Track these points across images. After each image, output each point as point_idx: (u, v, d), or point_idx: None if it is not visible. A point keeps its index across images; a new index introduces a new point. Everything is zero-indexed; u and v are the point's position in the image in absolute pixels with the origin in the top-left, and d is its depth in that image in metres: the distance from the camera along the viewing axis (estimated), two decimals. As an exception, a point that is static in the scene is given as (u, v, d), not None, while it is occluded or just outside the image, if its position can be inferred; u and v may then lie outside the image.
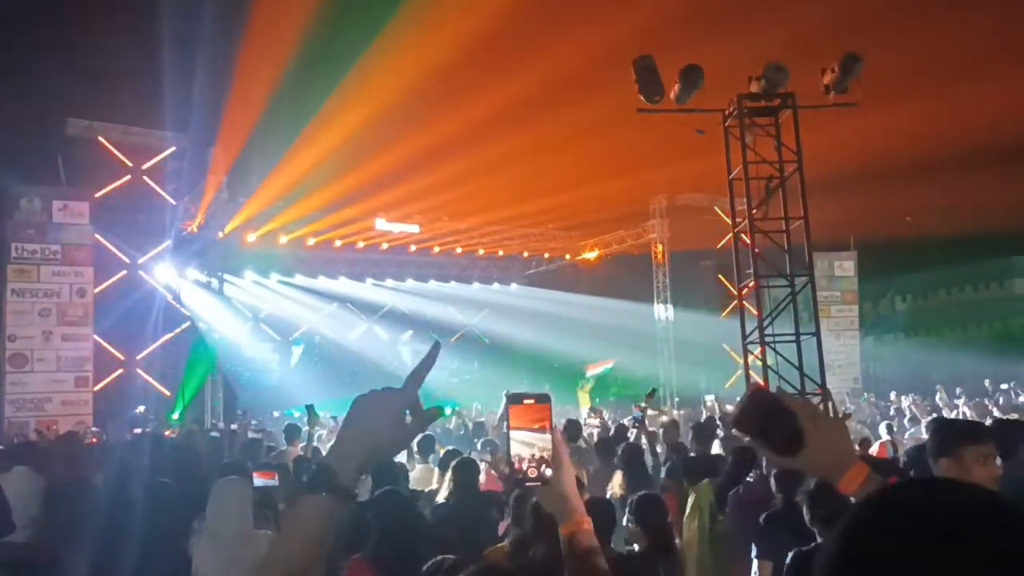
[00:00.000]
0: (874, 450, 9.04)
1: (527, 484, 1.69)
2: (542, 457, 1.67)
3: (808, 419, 1.49)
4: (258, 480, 6.14)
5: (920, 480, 0.98)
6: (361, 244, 24.81)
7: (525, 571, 3.73)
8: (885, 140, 24.88)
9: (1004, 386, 17.31)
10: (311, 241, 23.62)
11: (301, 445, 9.31)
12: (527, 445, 1.68)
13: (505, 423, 1.73)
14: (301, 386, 22.95)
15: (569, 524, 1.73)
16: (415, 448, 7.95)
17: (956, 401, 15.24)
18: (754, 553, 5.04)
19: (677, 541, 5.43)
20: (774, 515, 5.16)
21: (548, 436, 1.68)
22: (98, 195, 18.17)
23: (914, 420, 12.94)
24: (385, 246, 25.34)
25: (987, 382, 18.02)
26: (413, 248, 26.04)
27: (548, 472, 1.66)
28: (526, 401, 1.70)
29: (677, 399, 24.08)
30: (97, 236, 17.95)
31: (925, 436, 8.24)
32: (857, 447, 9.09)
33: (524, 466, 1.67)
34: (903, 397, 18.20)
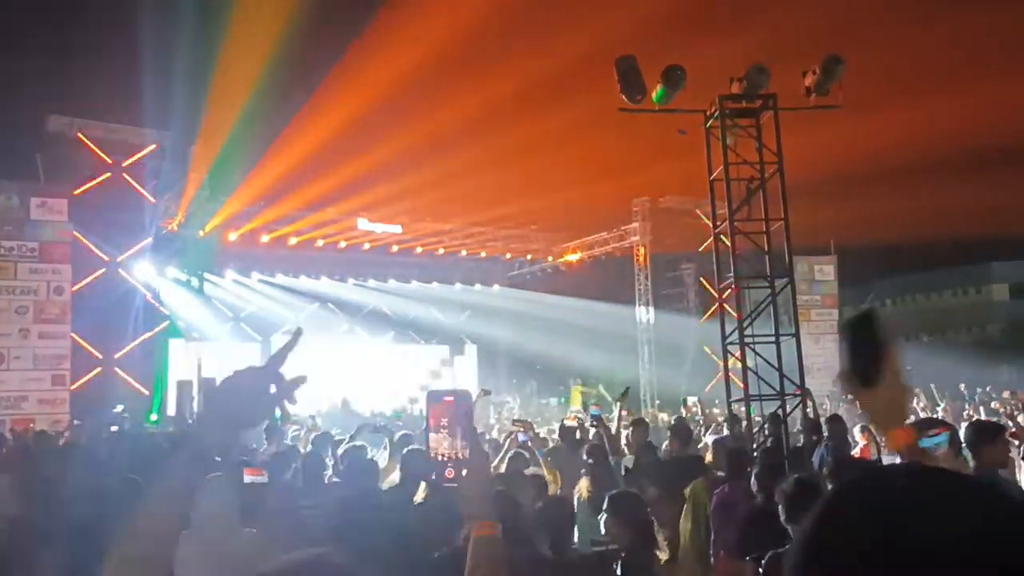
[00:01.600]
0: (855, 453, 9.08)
1: (444, 484, 1.72)
2: (458, 456, 1.68)
3: (893, 365, 1.58)
4: (248, 477, 6.09)
5: (903, 467, 0.97)
6: (343, 244, 24.76)
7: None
8: (865, 145, 25.05)
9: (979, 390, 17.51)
10: (293, 240, 23.54)
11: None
12: (443, 443, 1.69)
13: (424, 422, 1.75)
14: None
15: (478, 527, 1.76)
16: (394, 448, 7.91)
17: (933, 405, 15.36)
18: (734, 553, 5.04)
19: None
20: (754, 514, 5.16)
21: (462, 434, 1.69)
22: (77, 192, 18.02)
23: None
24: (367, 246, 25.29)
25: (962, 386, 18.19)
26: (395, 248, 25.99)
27: (463, 472, 1.68)
28: (446, 399, 1.71)
29: (658, 401, 24.13)
30: (76, 233, 17.81)
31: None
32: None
33: (441, 464, 1.69)
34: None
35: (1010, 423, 10.33)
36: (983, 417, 10.96)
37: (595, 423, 8.31)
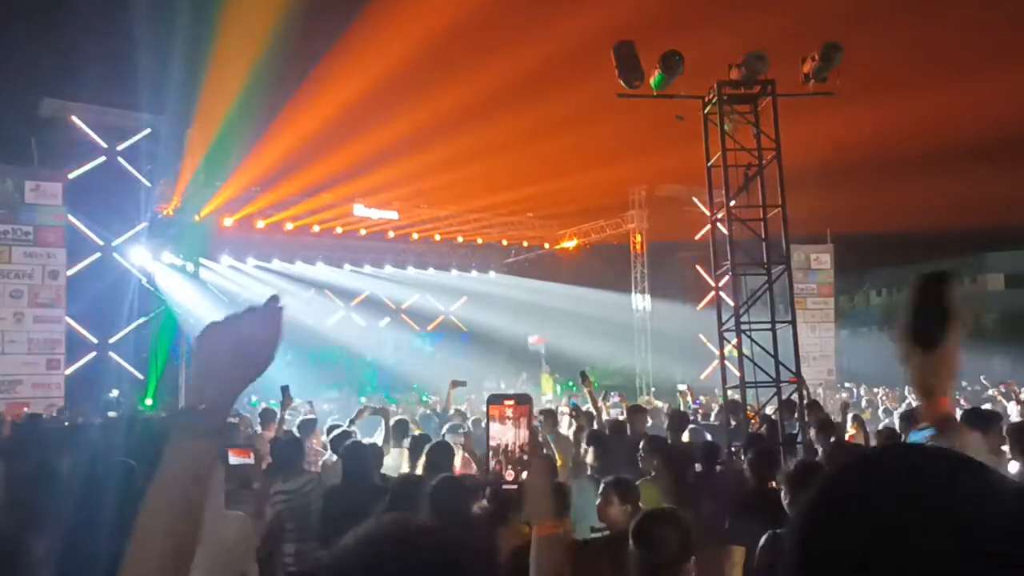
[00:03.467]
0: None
1: (504, 488, 1.71)
2: (519, 458, 1.68)
3: (956, 333, 1.53)
4: (233, 458, 6.07)
5: (904, 447, 0.96)
6: (339, 230, 24.70)
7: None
8: (863, 134, 25.05)
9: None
10: (289, 226, 23.48)
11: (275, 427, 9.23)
12: (503, 444, 1.69)
13: (484, 421, 1.75)
14: (278, 371, 22.78)
15: (542, 527, 1.77)
16: (390, 432, 7.90)
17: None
18: (727, 539, 5.04)
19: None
20: (747, 500, 5.17)
21: (524, 434, 1.70)
22: (72, 176, 17.92)
23: (887, 412, 13.06)
24: (364, 232, 25.23)
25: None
26: (392, 234, 25.94)
27: (524, 476, 1.68)
28: (506, 402, 1.72)
29: (654, 389, 24.17)
30: (70, 217, 17.73)
31: (898, 427, 8.30)
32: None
33: (500, 467, 1.69)
34: (875, 389, 18.42)
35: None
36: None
37: (573, 413, 8.38)
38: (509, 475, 1.70)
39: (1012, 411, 11.46)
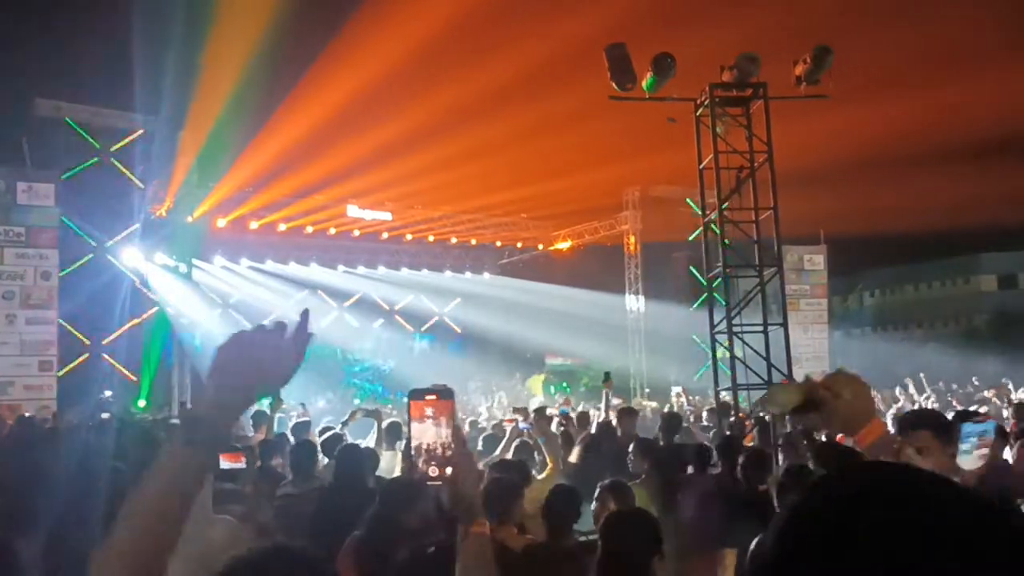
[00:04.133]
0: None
1: (428, 482, 1.70)
2: (443, 454, 1.66)
3: (820, 388, 1.65)
4: (225, 463, 6.05)
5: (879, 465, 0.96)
6: (333, 230, 24.66)
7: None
8: (855, 136, 25.12)
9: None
10: (282, 227, 23.43)
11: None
12: (427, 440, 1.67)
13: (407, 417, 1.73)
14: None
15: (469, 524, 1.75)
16: (383, 435, 7.90)
17: (919, 395, 15.45)
18: (719, 542, 5.05)
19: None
20: (740, 504, 5.18)
21: (447, 432, 1.68)
22: (64, 177, 17.84)
23: (879, 412, 13.08)
24: (357, 233, 25.21)
25: (940, 384, 18.47)
26: (385, 235, 25.92)
27: (448, 471, 1.66)
28: (428, 396, 1.69)
29: (647, 390, 24.18)
30: (63, 218, 17.67)
31: (890, 427, 8.32)
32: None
33: (422, 463, 1.67)
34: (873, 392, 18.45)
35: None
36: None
37: (563, 422, 8.40)
38: (433, 471, 1.68)
39: (1006, 413, 11.47)
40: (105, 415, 13.97)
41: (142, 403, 18.44)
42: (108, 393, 17.26)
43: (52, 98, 18.48)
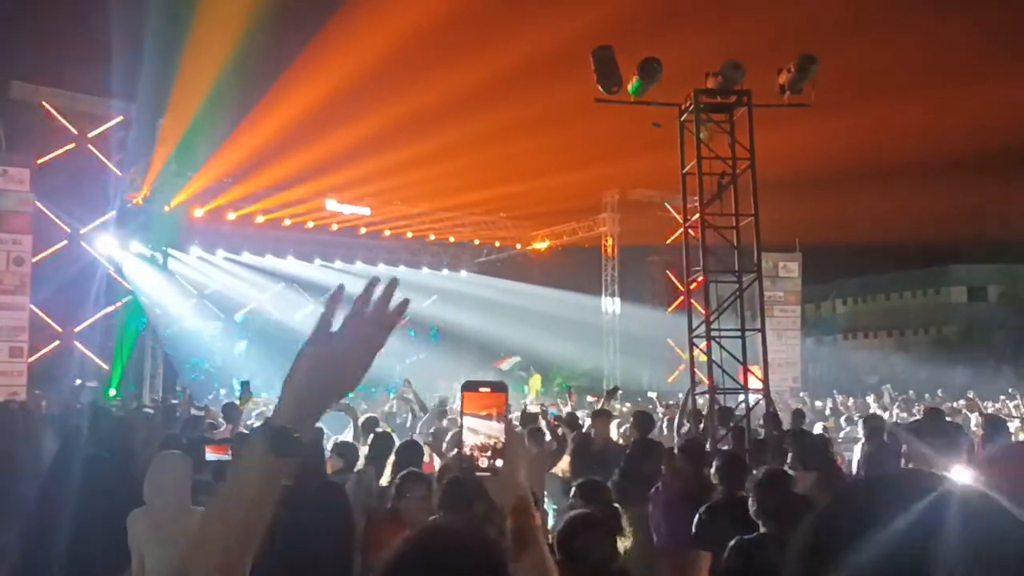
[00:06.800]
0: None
1: (477, 474, 1.66)
2: (493, 446, 1.65)
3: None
4: (210, 454, 6.04)
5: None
6: (311, 224, 24.57)
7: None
8: (833, 146, 25.38)
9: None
10: (260, 219, 23.29)
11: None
12: (478, 433, 1.66)
13: (459, 409, 1.71)
14: (245, 365, 22.64)
15: (519, 516, 1.71)
16: (359, 431, 7.91)
17: (890, 405, 15.69)
18: (692, 544, 5.10)
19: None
20: (715, 507, 5.22)
21: (500, 425, 1.66)
22: (40, 162, 17.62)
23: (849, 420, 13.27)
24: (335, 227, 25.12)
25: (911, 392, 18.82)
26: (363, 230, 25.83)
27: (499, 463, 1.64)
28: (481, 389, 1.68)
29: (620, 392, 24.27)
30: (37, 204, 17.43)
31: (861, 434, 8.45)
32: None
33: (475, 454, 1.65)
34: (839, 397, 18.73)
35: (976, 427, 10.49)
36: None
37: (556, 422, 8.42)
38: (484, 463, 1.66)
39: (974, 423, 11.65)
40: (79, 405, 13.83)
41: (112, 391, 18.28)
42: (91, 383, 17.01)
43: (30, 82, 18.27)
